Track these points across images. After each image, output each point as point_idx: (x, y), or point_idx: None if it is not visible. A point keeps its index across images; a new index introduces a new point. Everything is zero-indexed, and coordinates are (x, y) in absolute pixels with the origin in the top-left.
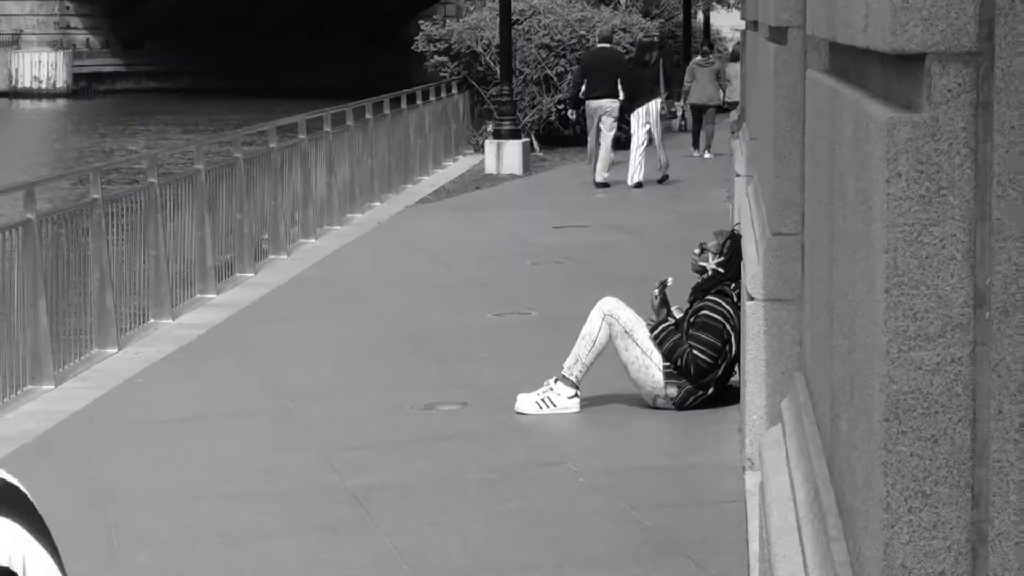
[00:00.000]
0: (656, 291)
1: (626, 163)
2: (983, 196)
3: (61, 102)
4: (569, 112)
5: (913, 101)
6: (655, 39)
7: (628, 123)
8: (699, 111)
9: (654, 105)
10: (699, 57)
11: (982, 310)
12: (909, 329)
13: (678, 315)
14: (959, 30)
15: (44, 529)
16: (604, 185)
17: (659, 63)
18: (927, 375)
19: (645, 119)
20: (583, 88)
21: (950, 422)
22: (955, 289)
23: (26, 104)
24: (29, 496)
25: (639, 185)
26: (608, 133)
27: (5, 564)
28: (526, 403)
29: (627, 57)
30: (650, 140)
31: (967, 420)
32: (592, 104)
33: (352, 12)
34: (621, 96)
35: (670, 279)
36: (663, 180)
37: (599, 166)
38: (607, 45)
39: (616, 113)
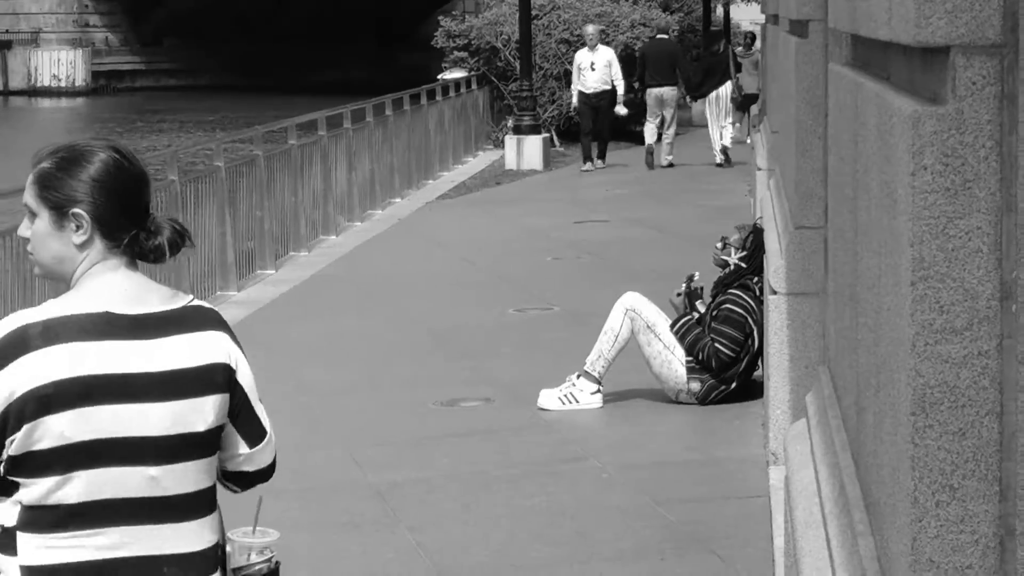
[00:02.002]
0: (683, 286)
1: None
2: (1009, 188)
3: (80, 100)
4: (640, 96)
5: (938, 94)
6: (721, 30)
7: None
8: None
9: (724, 90)
10: (740, 48)
11: (1008, 303)
12: (935, 322)
13: (701, 309)
14: (983, 22)
15: (241, 346)
16: (670, 166)
17: (727, 51)
18: (954, 368)
19: (716, 103)
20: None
21: (977, 415)
22: (981, 282)
23: (45, 102)
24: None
25: (721, 165)
26: (672, 122)
27: (228, 362)
28: (549, 399)
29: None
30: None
31: (994, 413)
32: (653, 92)
33: (370, 9)
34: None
35: (696, 274)
36: (725, 163)
37: (663, 150)
38: (664, 36)
39: (676, 101)
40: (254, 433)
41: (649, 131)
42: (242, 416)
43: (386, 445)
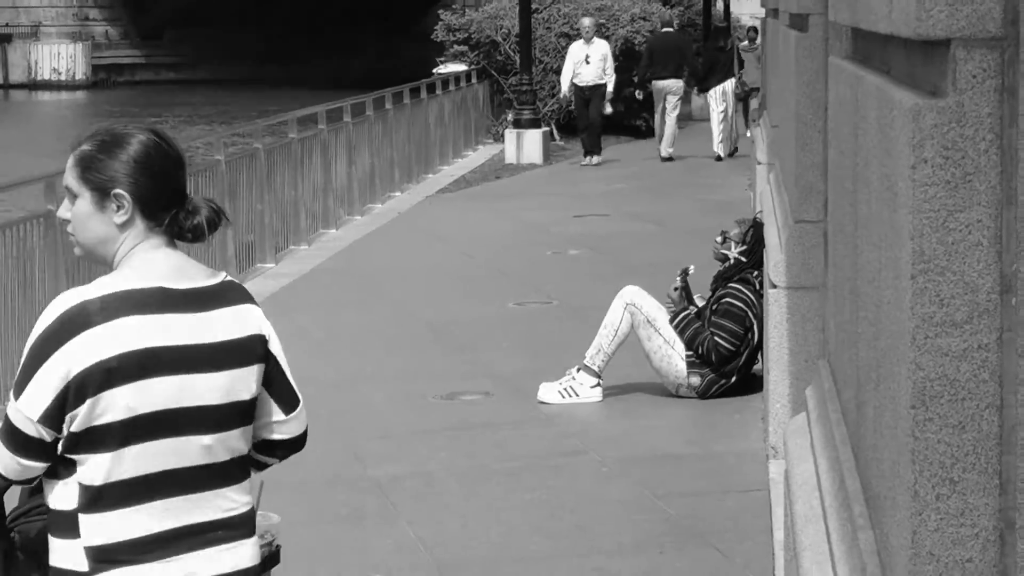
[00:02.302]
0: (678, 279)
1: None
2: (1009, 182)
3: (80, 94)
4: (637, 92)
5: (938, 87)
6: (727, 25)
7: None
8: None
9: (729, 84)
10: (746, 43)
11: (1008, 296)
12: (936, 315)
13: (700, 303)
14: (984, 15)
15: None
16: (669, 159)
17: (734, 47)
18: (954, 361)
19: (722, 97)
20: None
21: (977, 409)
22: (981, 275)
23: (46, 96)
24: None
25: (719, 158)
26: (673, 112)
27: (261, 333)
28: (549, 392)
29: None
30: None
31: (994, 407)
32: (658, 84)
33: (369, 2)
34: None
35: (692, 267)
36: (733, 153)
37: (664, 142)
38: (670, 29)
39: (680, 92)
40: (288, 399)
41: (659, 123)
42: (275, 383)
43: (386, 438)
